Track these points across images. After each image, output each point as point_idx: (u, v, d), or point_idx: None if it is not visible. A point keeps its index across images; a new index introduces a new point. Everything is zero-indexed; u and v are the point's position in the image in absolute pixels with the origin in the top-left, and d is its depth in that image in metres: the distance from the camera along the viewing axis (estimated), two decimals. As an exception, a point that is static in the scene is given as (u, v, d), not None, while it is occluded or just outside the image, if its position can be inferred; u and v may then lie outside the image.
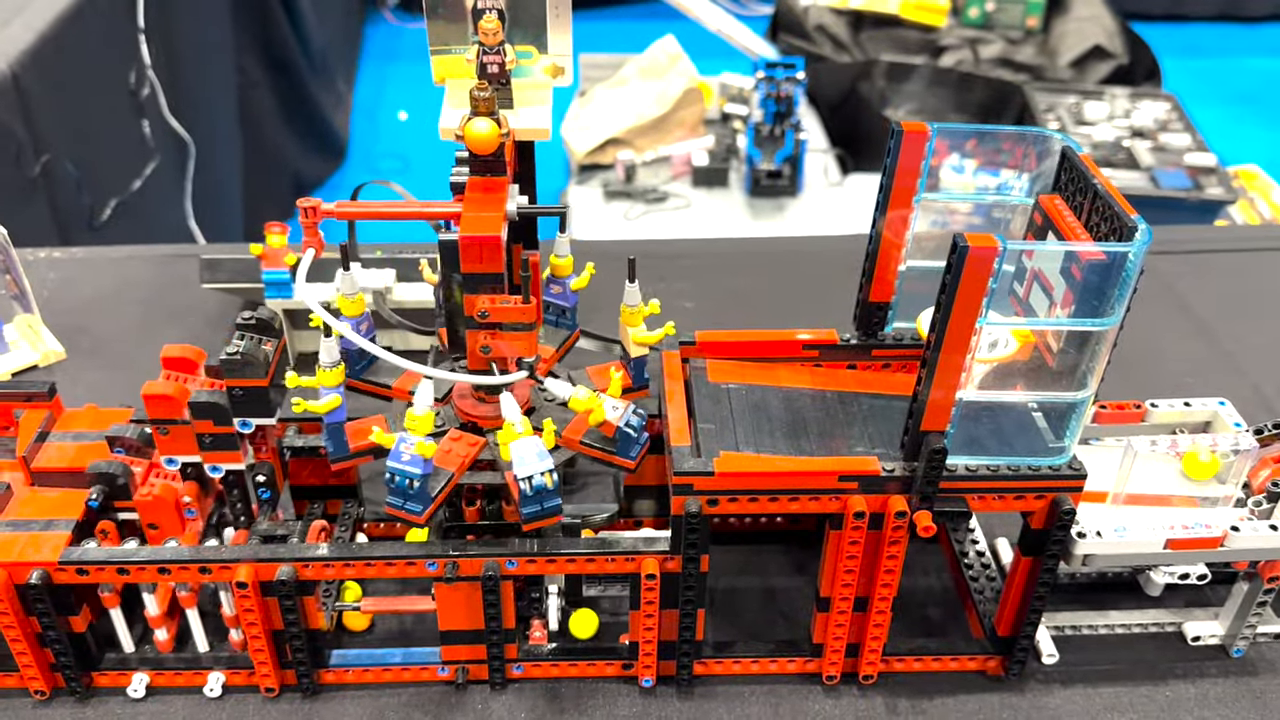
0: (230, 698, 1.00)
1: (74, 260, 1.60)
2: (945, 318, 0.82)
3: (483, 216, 0.88)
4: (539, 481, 0.88)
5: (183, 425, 0.92)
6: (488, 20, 0.98)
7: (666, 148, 3.74)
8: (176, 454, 0.93)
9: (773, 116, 3.58)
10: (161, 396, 0.90)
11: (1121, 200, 0.86)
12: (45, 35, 2.29)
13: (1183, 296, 1.59)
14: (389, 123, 4.78)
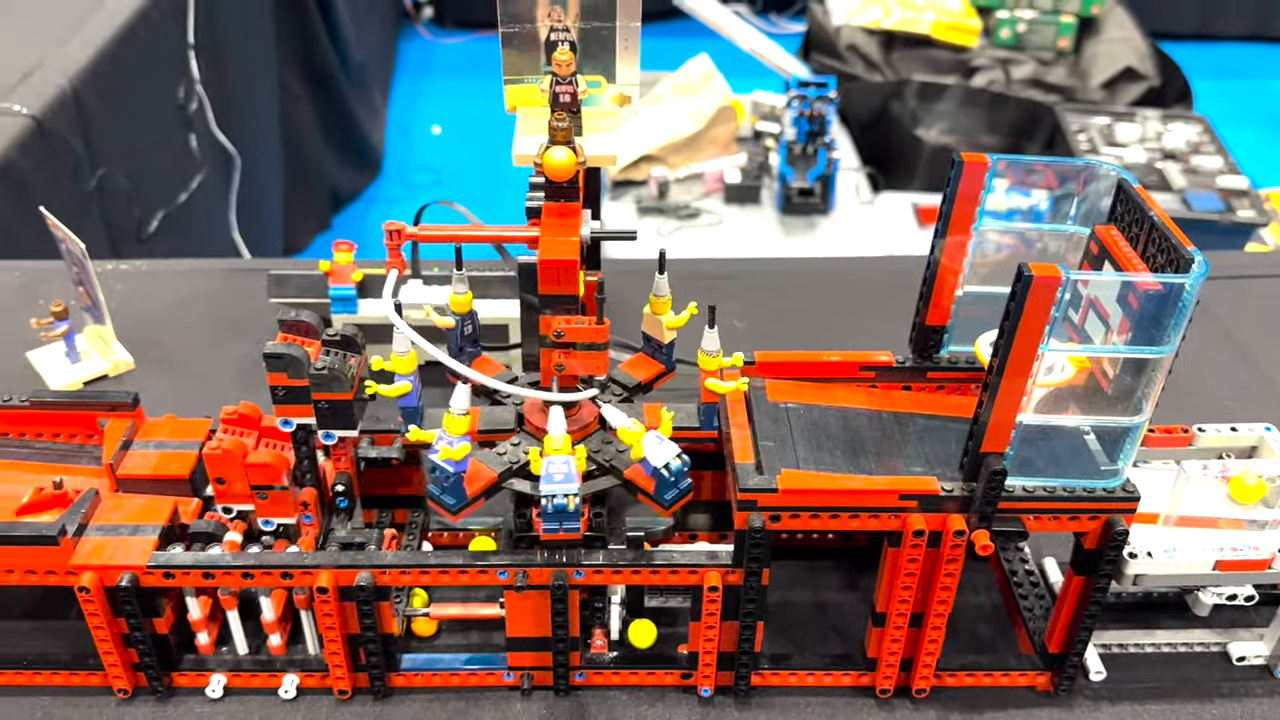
0: (304, 699, 1.04)
1: (139, 273, 1.65)
2: (1008, 343, 0.85)
3: (559, 241, 0.92)
4: (560, 502, 0.91)
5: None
6: (561, 52, 1.02)
7: (699, 165, 3.78)
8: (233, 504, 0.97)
9: (805, 135, 3.61)
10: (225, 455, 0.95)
11: (1178, 232, 0.89)
12: (102, 52, 2.35)
13: (1222, 321, 1.62)
14: (423, 136, 4.84)
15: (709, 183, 3.76)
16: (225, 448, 0.95)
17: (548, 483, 0.91)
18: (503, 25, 1.06)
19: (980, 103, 4.20)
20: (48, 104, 2.10)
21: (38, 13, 2.46)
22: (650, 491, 0.94)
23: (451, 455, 0.90)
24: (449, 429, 0.91)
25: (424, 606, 1.08)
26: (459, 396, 0.93)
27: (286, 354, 0.92)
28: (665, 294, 1.01)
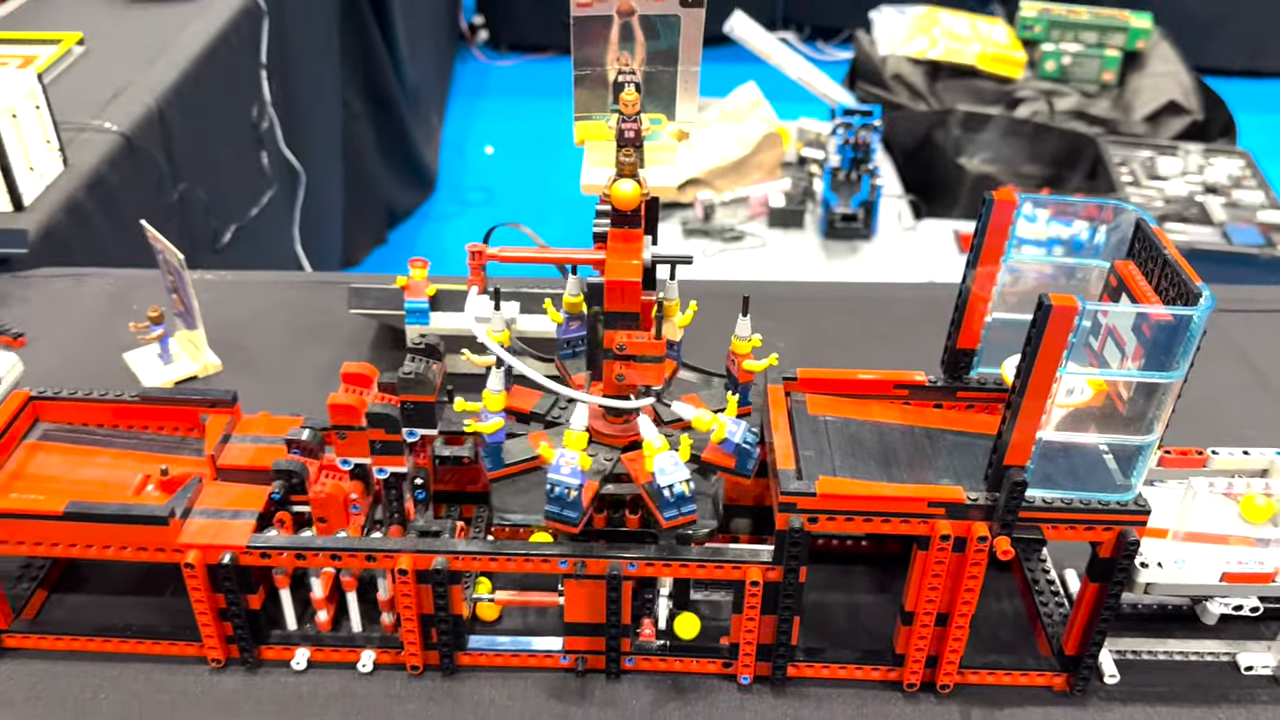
0: (379, 673, 1.14)
1: (225, 283, 1.77)
2: (1029, 366, 0.94)
3: (624, 264, 1.02)
4: (679, 489, 1.01)
5: (358, 432, 1.06)
6: (628, 93, 1.12)
7: (745, 189, 3.88)
8: (351, 456, 1.08)
9: (849, 162, 3.70)
10: (344, 406, 1.05)
11: (1188, 268, 0.97)
12: (185, 72, 2.50)
13: (1248, 354, 1.68)
14: (476, 156, 4.98)
15: (754, 206, 3.86)
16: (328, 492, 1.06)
17: (662, 476, 1.01)
18: (576, 68, 1.16)
19: (1023, 133, 4.27)
20: (136, 122, 2.24)
21: (128, 35, 2.61)
22: (732, 466, 1.05)
23: (584, 464, 1.01)
24: (568, 445, 1.01)
25: (488, 593, 1.18)
26: (579, 416, 1.04)
27: (381, 415, 1.03)
28: (747, 335, 1.11)
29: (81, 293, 1.75)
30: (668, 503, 1.03)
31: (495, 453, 1.06)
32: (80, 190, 1.99)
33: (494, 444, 1.06)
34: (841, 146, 3.68)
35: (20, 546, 1.08)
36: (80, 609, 1.21)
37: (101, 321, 1.67)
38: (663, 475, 1.01)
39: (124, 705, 1.11)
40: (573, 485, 1.02)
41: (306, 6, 3.32)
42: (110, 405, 1.21)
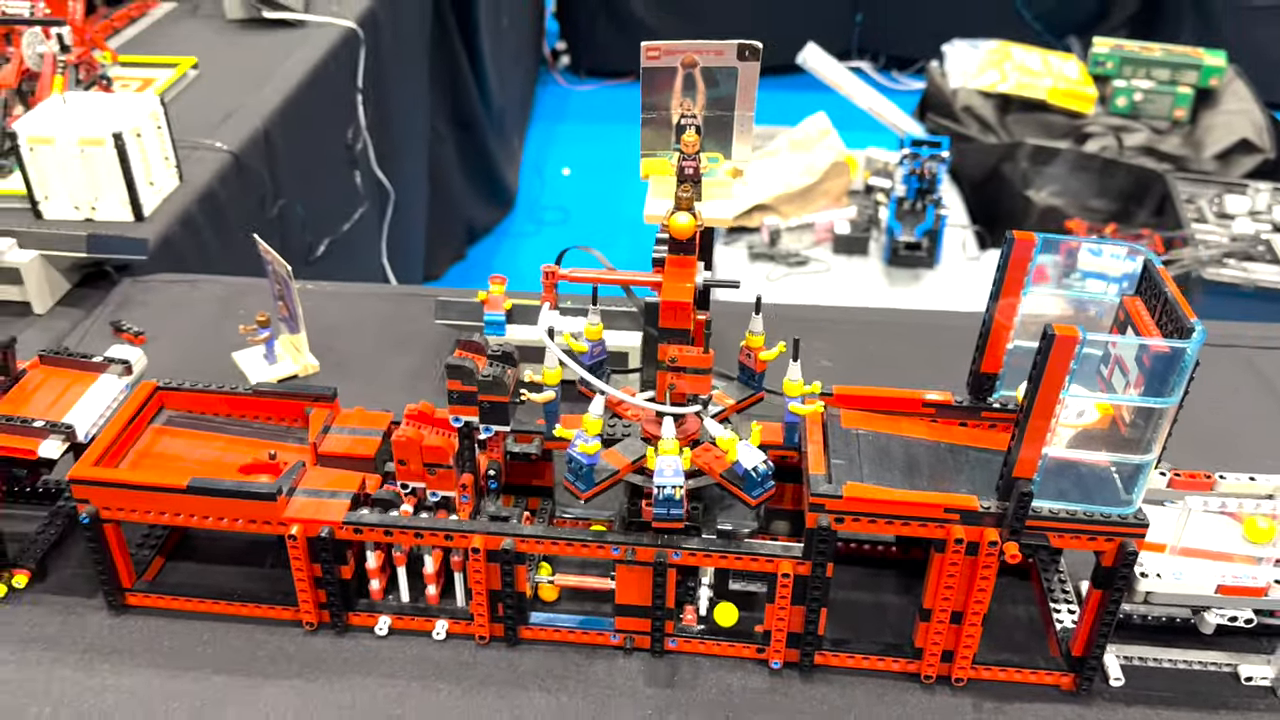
0: (451, 641, 1.29)
1: (323, 293, 1.95)
2: (1034, 389, 1.05)
3: (678, 286, 1.16)
4: (668, 492, 1.14)
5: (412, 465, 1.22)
6: (689, 135, 1.26)
7: (811, 215, 3.99)
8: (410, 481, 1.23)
9: (914, 192, 3.80)
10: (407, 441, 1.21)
11: (1185, 305, 1.08)
12: (289, 97, 2.70)
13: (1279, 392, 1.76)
14: (553, 177, 5.18)
15: (819, 232, 3.97)
16: (408, 436, 1.21)
17: (660, 476, 1.14)
18: (644, 111, 1.31)
19: (1091, 168, 4.32)
20: (244, 141, 2.45)
21: (239, 60, 2.83)
22: (741, 488, 1.17)
23: (586, 450, 1.15)
24: (586, 429, 1.15)
25: (549, 576, 1.32)
26: (595, 405, 1.18)
27: (462, 365, 1.17)
28: (798, 379, 1.24)
29: (195, 297, 1.94)
30: (754, 481, 1.16)
31: (589, 474, 1.20)
32: (193, 204, 2.19)
33: (589, 465, 1.19)
34: (907, 176, 3.78)
35: (148, 515, 1.24)
36: (192, 574, 1.38)
37: (212, 323, 1.86)
38: (659, 475, 1.14)
39: (227, 660, 1.27)
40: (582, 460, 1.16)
41: (400, 36, 3.52)
42: (226, 397, 1.38)
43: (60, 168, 1.99)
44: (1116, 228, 4.07)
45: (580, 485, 1.18)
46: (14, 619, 1.31)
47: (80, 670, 1.25)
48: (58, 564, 1.37)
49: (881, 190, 4.07)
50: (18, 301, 1.88)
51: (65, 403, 1.29)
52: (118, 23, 2.95)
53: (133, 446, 1.32)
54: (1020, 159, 4.40)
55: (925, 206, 3.79)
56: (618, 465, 1.20)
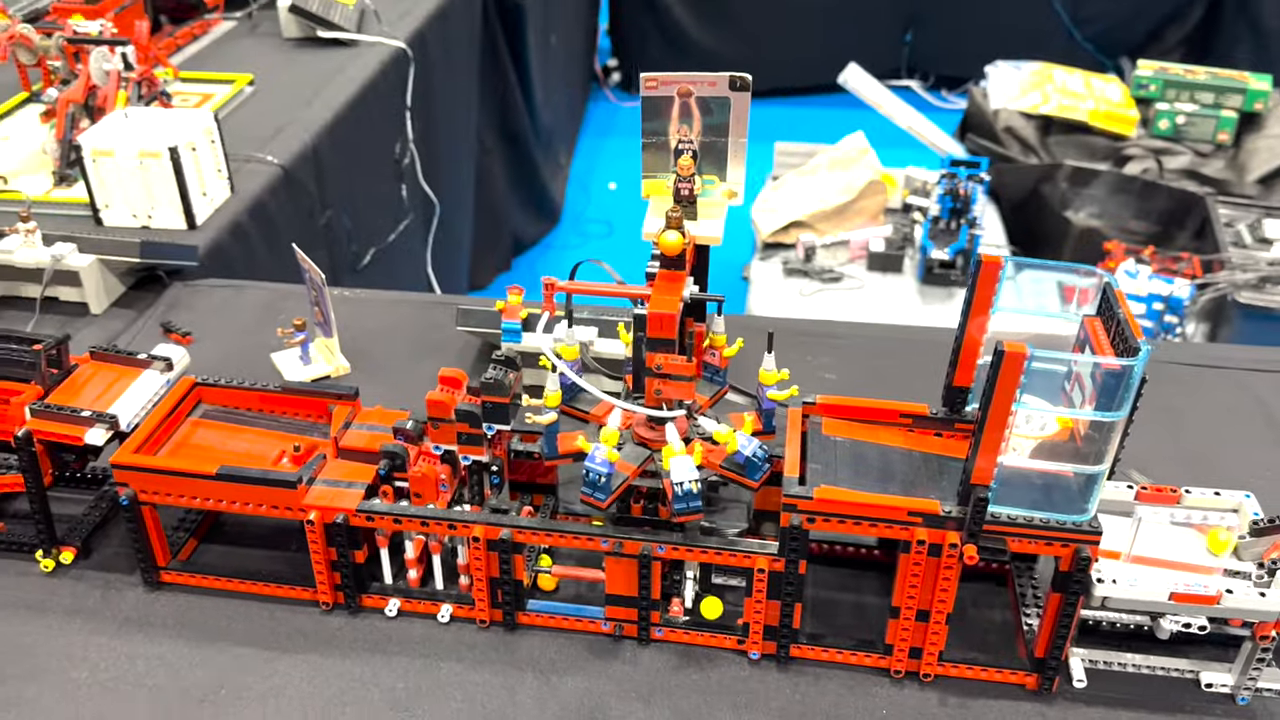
0: (454, 624, 1.39)
1: (359, 299, 2.07)
2: (988, 401, 1.13)
3: (665, 299, 1.25)
4: (688, 487, 1.23)
5: (448, 424, 1.32)
6: (684, 159, 1.36)
7: (846, 233, 4.06)
8: (442, 443, 1.34)
9: (948, 211, 3.86)
10: (437, 401, 1.31)
11: (1134, 326, 1.15)
12: (338, 113, 2.84)
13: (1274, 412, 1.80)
14: (600, 191, 5.29)
15: (854, 250, 4.04)
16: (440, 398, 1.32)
17: (676, 474, 1.23)
18: (644, 136, 1.40)
19: (1131, 190, 4.33)
20: (293, 156, 2.58)
21: (293, 77, 2.98)
22: (743, 474, 1.26)
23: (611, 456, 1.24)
24: (605, 441, 1.25)
25: (548, 566, 1.41)
26: (614, 418, 1.28)
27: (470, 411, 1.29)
28: (772, 369, 1.33)
29: (239, 301, 2.08)
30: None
31: (607, 484, 1.29)
32: (243, 214, 2.33)
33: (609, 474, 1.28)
34: (942, 196, 3.84)
35: (181, 499, 1.36)
36: (221, 556, 1.50)
37: (254, 326, 1.98)
38: (676, 473, 1.23)
39: (251, 635, 1.39)
40: (602, 471, 1.25)
41: (449, 54, 3.66)
42: (257, 393, 1.50)
43: (120, 178, 2.13)
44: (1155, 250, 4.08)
45: (599, 495, 1.27)
46: (59, 591, 1.44)
47: (116, 639, 1.37)
48: (100, 543, 1.50)
49: (919, 209, 4.12)
50: (77, 302, 2.03)
51: (111, 395, 1.42)
52: (181, 40, 3.12)
53: (171, 437, 1.44)
54: (1059, 180, 4.43)
55: (959, 226, 3.84)
56: (626, 471, 1.28)
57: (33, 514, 1.42)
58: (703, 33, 6.32)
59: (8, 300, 2.05)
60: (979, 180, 3.84)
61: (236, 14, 3.38)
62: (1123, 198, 4.39)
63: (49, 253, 1.96)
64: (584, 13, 5.91)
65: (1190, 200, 4.26)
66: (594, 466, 1.25)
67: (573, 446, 1.31)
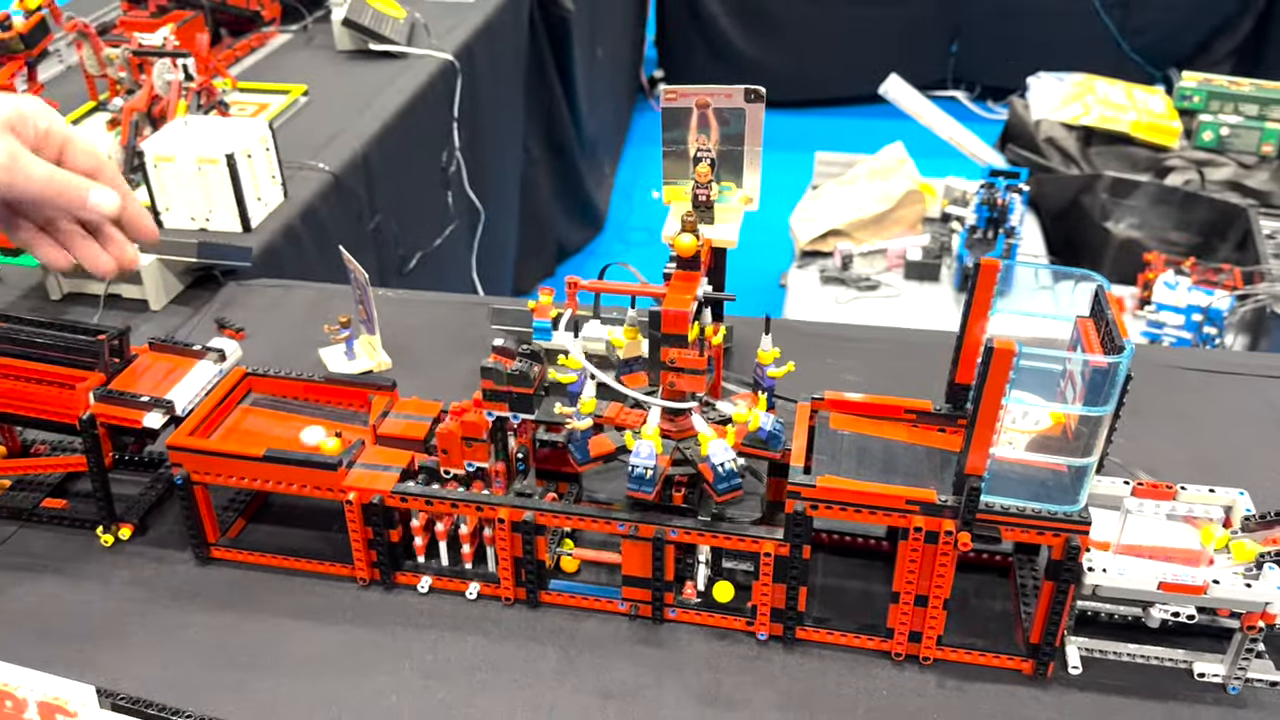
0: (481, 601, 1.48)
1: (401, 300, 2.18)
2: (979, 395, 1.20)
3: (678, 297, 1.33)
4: (729, 467, 1.31)
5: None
6: (702, 166, 1.44)
7: (883, 241, 4.11)
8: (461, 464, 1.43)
9: (985, 221, 3.90)
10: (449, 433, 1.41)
11: (1121, 327, 1.21)
12: (388, 123, 2.96)
13: (1287, 417, 1.84)
14: (643, 199, 5.39)
15: (891, 258, 4.09)
16: (449, 429, 1.41)
17: (715, 458, 1.31)
18: (665, 145, 1.49)
19: (1172, 201, 4.34)
20: (344, 163, 2.71)
21: (345, 88, 3.11)
22: (710, 480, 1.33)
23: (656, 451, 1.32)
24: (647, 437, 1.33)
25: (570, 549, 1.50)
26: (653, 416, 1.36)
27: (494, 367, 1.37)
28: (769, 349, 1.41)
29: (290, 300, 2.19)
30: (720, 477, 1.32)
31: (584, 447, 1.38)
32: (295, 218, 2.45)
33: (583, 439, 1.38)
34: (979, 205, 3.88)
35: (230, 479, 1.47)
36: (268, 534, 1.60)
37: (303, 323, 2.10)
38: (716, 456, 1.31)
39: (290, 606, 1.49)
40: (650, 465, 1.33)
41: (495, 66, 3.78)
42: (303, 383, 1.60)
43: (179, 183, 2.26)
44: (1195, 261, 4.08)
45: (646, 489, 1.34)
46: (118, 565, 1.55)
47: (169, 609, 1.48)
48: (156, 521, 1.62)
49: (957, 218, 4.16)
50: (138, 299, 2.15)
51: (168, 383, 1.53)
52: (240, 52, 3.27)
53: (223, 422, 1.55)
54: (1099, 191, 4.44)
55: (996, 235, 3.87)
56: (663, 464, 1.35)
57: (94, 493, 1.54)
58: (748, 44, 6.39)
59: (75, 296, 2.19)
60: (1018, 190, 3.88)
61: (293, 27, 3.52)
62: (1164, 209, 4.39)
63: (114, 252, 2.08)
64: (631, 26, 6.02)
65: (1232, 212, 4.26)
66: (641, 462, 1.32)
67: (602, 449, 1.39)
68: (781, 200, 4.30)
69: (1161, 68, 6.23)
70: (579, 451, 1.38)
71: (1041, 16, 6.18)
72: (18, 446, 1.67)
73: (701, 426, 1.33)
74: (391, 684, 1.38)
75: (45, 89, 2.40)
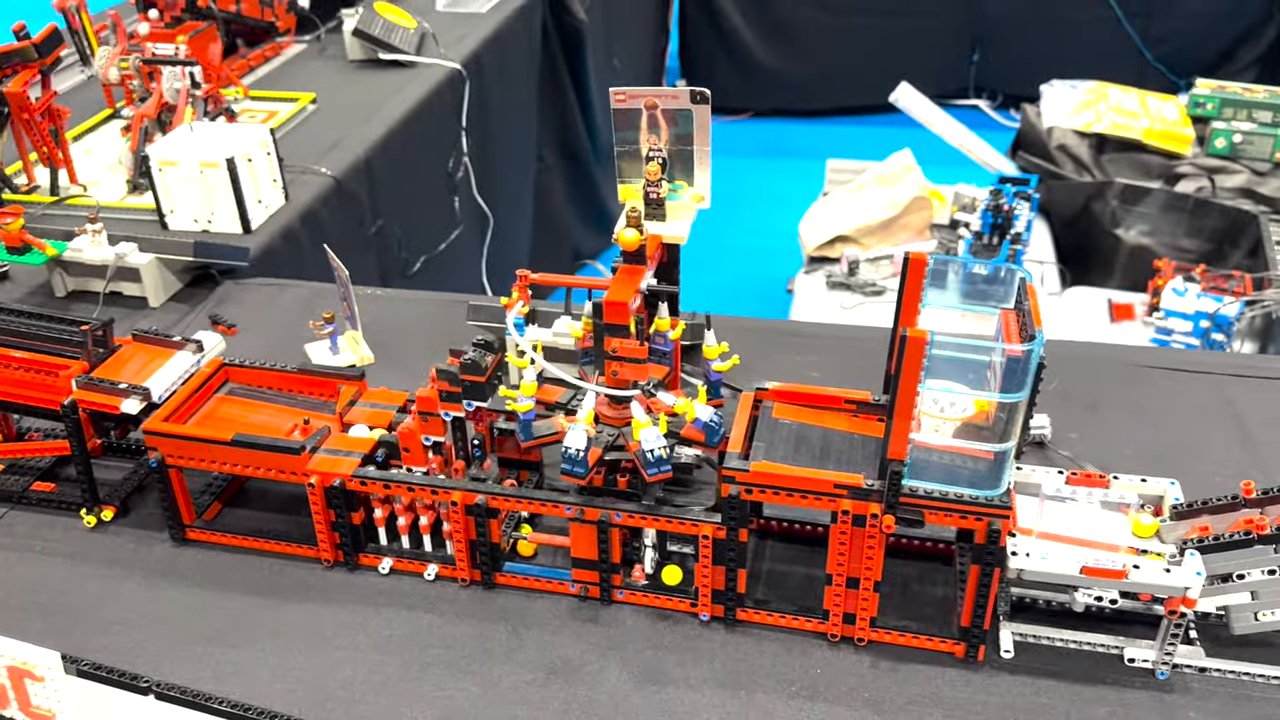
0: (439, 582, 1.54)
1: (388, 297, 2.26)
2: (896, 381, 1.24)
3: (620, 289, 1.39)
4: (657, 453, 1.36)
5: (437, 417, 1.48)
6: (652, 165, 1.50)
7: (889, 247, 4.14)
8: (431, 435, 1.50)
9: (989, 227, 3.92)
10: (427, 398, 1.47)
11: (1038, 317, 1.25)
12: (392, 129, 3.04)
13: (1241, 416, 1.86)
14: (660, 207, 5.44)
15: (897, 264, 4.11)
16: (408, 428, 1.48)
17: (646, 443, 1.36)
18: (617, 144, 1.54)
19: (1183, 208, 4.33)
20: (346, 168, 2.79)
21: (353, 96, 3.20)
22: (702, 440, 1.39)
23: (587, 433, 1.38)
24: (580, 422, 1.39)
25: (527, 533, 1.56)
26: (587, 401, 1.42)
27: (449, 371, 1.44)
28: (714, 344, 1.46)
29: (282, 298, 2.28)
30: (649, 462, 1.38)
31: (526, 428, 1.45)
32: (295, 220, 2.53)
33: (525, 421, 1.44)
34: (984, 212, 3.90)
35: (203, 462, 1.55)
36: (241, 518, 1.68)
37: (294, 320, 2.18)
38: (646, 442, 1.36)
39: (259, 584, 1.56)
40: (581, 448, 1.38)
41: (506, 75, 3.86)
42: (276, 374, 1.68)
43: (183, 186, 2.36)
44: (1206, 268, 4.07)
45: (578, 471, 1.39)
46: (99, 544, 1.63)
47: (144, 586, 1.56)
48: (137, 504, 1.70)
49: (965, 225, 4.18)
50: (138, 296, 2.25)
51: (147, 372, 1.61)
52: (254, 62, 3.37)
53: (199, 409, 1.63)
54: (1110, 198, 4.44)
55: (1001, 241, 3.90)
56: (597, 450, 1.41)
57: (77, 476, 1.62)
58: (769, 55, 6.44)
59: (79, 294, 2.29)
60: (1026, 198, 3.89)
61: (306, 37, 3.63)
62: (1174, 216, 4.38)
63: (113, 251, 2.18)
64: (651, 36, 6.10)
65: (1243, 219, 4.24)
66: (573, 444, 1.39)
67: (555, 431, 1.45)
68: (793, 208, 4.34)
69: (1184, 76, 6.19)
70: (523, 433, 1.44)
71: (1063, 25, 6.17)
72: (13, 433, 1.76)
73: (638, 414, 1.39)
74: (347, 657, 1.44)
75: (59, 96, 2.50)
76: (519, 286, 1.48)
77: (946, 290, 1.45)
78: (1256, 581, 1.33)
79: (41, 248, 2.16)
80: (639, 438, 1.38)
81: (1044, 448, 1.77)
